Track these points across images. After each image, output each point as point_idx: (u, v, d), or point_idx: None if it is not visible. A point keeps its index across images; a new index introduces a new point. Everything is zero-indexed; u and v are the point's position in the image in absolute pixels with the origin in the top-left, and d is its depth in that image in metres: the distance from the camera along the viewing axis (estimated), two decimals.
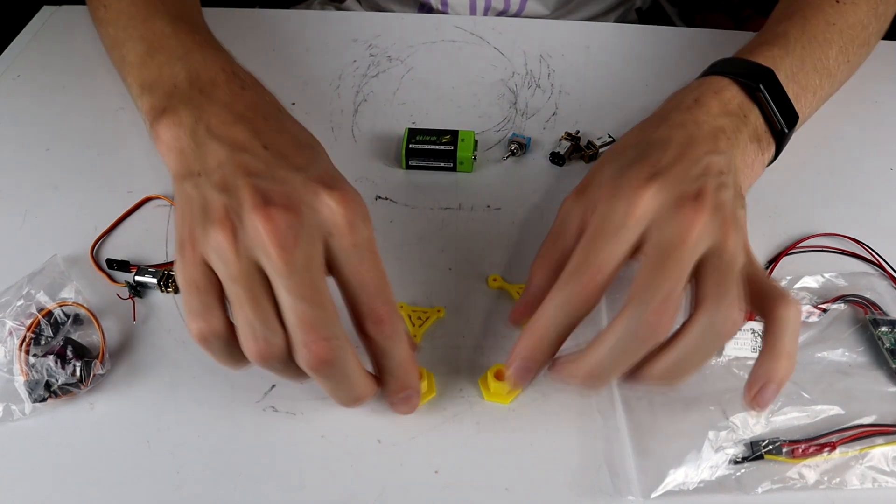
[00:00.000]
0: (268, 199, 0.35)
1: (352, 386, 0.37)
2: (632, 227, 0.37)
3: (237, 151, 0.38)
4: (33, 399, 0.41)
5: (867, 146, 0.58)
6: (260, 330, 0.34)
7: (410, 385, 0.39)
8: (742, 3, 0.98)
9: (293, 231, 0.34)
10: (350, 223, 0.36)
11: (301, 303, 0.34)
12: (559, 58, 0.66)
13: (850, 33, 0.53)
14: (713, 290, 0.36)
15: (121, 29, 0.50)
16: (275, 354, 0.35)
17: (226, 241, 0.34)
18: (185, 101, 0.41)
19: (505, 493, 0.38)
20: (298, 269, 0.34)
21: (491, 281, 0.48)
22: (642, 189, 0.37)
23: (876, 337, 0.44)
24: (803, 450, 0.39)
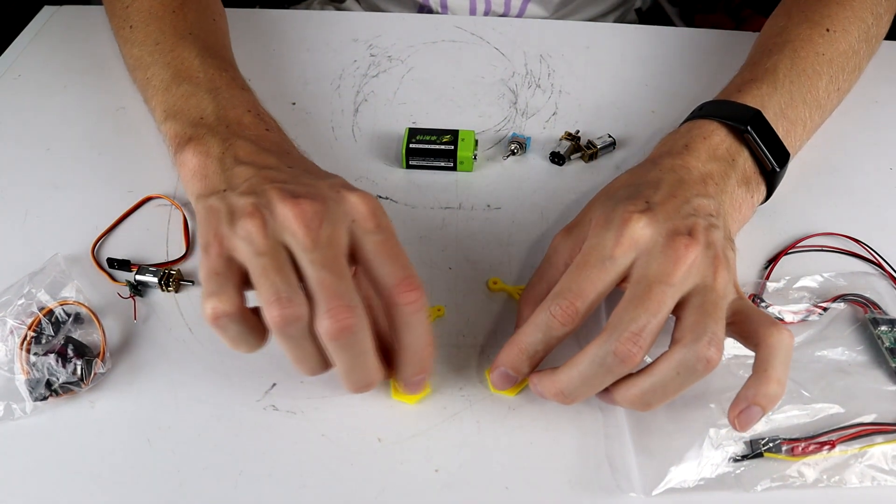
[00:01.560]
0: (296, 194, 0.37)
1: (367, 363, 0.37)
2: (619, 258, 0.38)
3: (263, 169, 0.40)
4: (34, 398, 0.41)
5: (867, 146, 0.58)
6: (284, 292, 0.35)
7: (426, 367, 0.39)
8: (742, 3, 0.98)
9: (319, 215, 0.36)
10: (372, 211, 0.38)
11: (325, 272, 0.35)
12: (559, 58, 0.66)
13: (841, 61, 0.53)
14: (694, 326, 0.36)
15: (147, 53, 0.52)
16: (298, 317, 0.35)
17: (255, 228, 0.36)
18: (213, 133, 0.43)
19: (505, 492, 0.38)
20: (322, 244, 0.36)
21: (491, 284, 0.48)
22: (633, 220, 0.38)
23: (875, 336, 0.44)
24: (803, 448, 0.39)
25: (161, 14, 0.53)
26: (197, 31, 0.53)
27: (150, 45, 0.52)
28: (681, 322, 0.37)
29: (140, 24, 0.53)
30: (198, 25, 0.54)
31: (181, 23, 0.53)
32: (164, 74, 0.49)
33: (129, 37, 0.54)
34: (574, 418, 0.41)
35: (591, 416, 0.41)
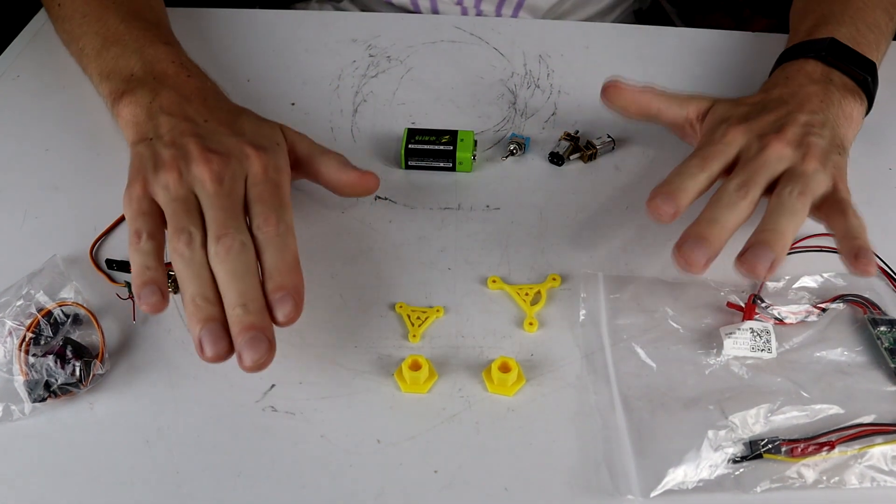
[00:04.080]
0: (209, 150, 0.44)
1: (245, 281, 0.40)
2: (726, 143, 0.47)
3: (184, 121, 0.47)
4: (33, 399, 0.41)
5: (867, 146, 0.58)
6: (185, 226, 0.41)
7: (286, 285, 0.41)
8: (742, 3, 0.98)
9: (223, 170, 0.43)
10: (264, 169, 0.44)
11: (220, 211, 0.42)
12: (558, 58, 0.66)
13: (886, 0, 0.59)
14: (785, 181, 0.44)
15: (76, 25, 0.57)
16: (190, 241, 0.41)
17: (172, 179, 0.43)
18: (142, 85, 0.49)
19: (504, 493, 0.38)
20: (223, 194, 0.43)
21: (491, 283, 0.48)
22: (731, 129, 0.47)
23: (875, 336, 0.44)
24: (802, 449, 0.39)
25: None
26: (119, 1, 0.57)
27: (78, 18, 0.57)
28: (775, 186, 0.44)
29: (67, 1, 0.58)
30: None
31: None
32: (94, 42, 0.54)
33: (59, 14, 0.59)
34: (573, 420, 0.41)
35: (589, 418, 0.41)
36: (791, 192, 0.43)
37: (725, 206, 0.43)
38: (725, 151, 0.46)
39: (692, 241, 0.42)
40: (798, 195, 0.43)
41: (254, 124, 0.48)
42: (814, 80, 0.51)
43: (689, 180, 0.45)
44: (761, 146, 0.45)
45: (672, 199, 0.44)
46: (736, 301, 0.46)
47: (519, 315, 0.46)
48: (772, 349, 0.43)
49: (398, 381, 0.43)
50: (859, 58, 0.52)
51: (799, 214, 0.43)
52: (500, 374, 0.41)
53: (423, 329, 0.45)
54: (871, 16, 0.56)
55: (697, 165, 0.45)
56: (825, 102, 0.49)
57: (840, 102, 0.49)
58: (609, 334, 0.44)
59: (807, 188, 0.43)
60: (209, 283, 0.40)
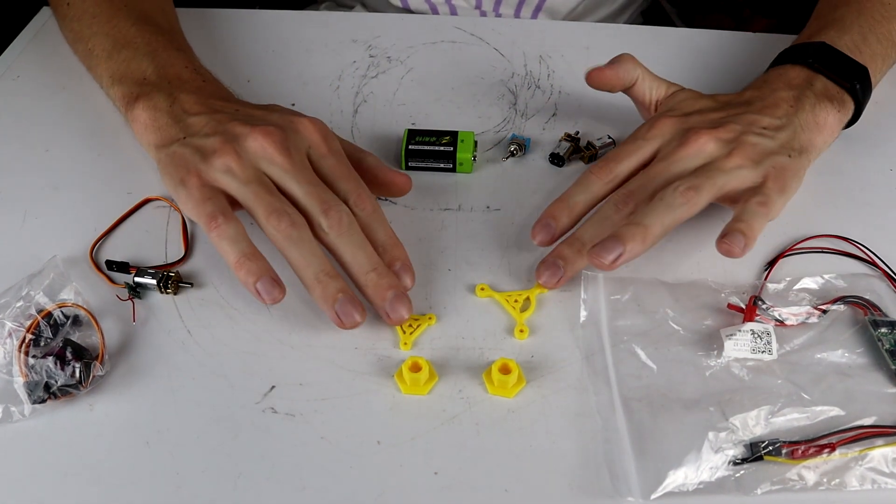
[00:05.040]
0: (258, 124, 0.43)
1: (367, 248, 0.43)
2: (648, 141, 0.47)
3: (216, 113, 0.45)
4: (33, 400, 0.41)
5: (867, 147, 0.58)
6: (281, 206, 0.41)
7: (400, 256, 0.44)
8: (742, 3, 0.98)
9: (287, 141, 0.43)
10: (324, 138, 0.45)
11: (312, 186, 0.42)
12: (559, 58, 0.66)
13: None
14: (684, 177, 0.44)
15: (85, 26, 0.56)
16: (300, 224, 0.41)
17: (232, 160, 0.42)
18: (158, 89, 0.48)
19: (504, 495, 0.38)
20: (300, 166, 0.42)
21: (479, 290, 0.47)
22: (660, 119, 0.48)
23: (875, 338, 0.44)
24: (803, 451, 0.39)
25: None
26: (131, 3, 0.57)
27: (87, 18, 0.56)
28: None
29: (76, 1, 0.58)
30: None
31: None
32: (105, 44, 0.54)
33: (66, 13, 0.58)
34: (573, 421, 0.41)
35: (590, 420, 0.41)
36: (676, 187, 0.43)
37: (592, 223, 0.46)
38: (641, 148, 0.47)
39: (549, 261, 0.46)
40: (685, 190, 0.43)
41: (285, 109, 0.49)
42: (791, 86, 0.50)
43: (578, 194, 0.47)
44: (681, 142, 0.45)
45: (548, 229, 0.46)
46: (736, 302, 0.46)
47: (512, 320, 0.46)
48: (772, 351, 0.43)
49: (398, 382, 0.42)
50: (848, 64, 0.51)
51: (676, 210, 0.43)
52: (500, 376, 0.41)
53: (416, 336, 0.45)
54: (885, 27, 0.56)
55: (596, 173, 0.47)
56: (794, 108, 0.49)
57: (812, 108, 0.49)
58: (609, 335, 0.44)
59: (706, 183, 0.43)
60: (326, 259, 0.42)
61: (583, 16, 0.78)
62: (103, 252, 0.49)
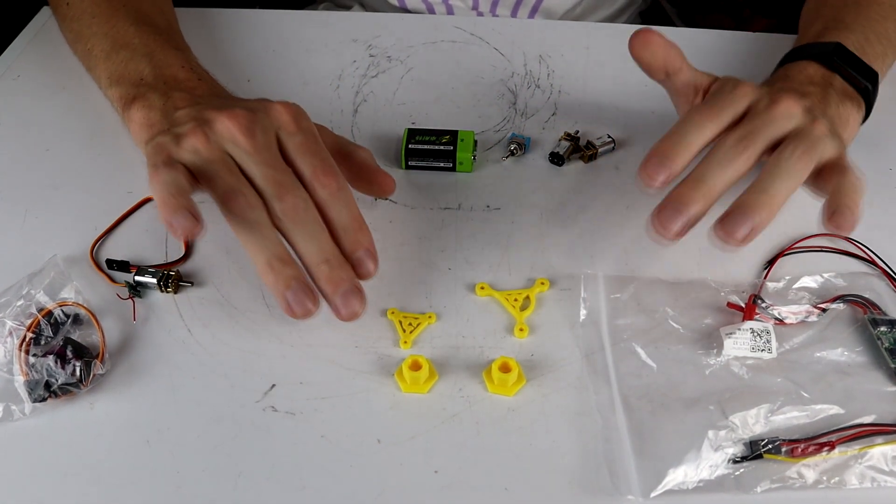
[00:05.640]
0: (228, 107, 0.42)
1: (322, 235, 0.41)
2: (737, 96, 0.44)
3: (200, 104, 0.45)
4: (33, 399, 0.41)
5: (867, 147, 0.58)
6: (237, 187, 0.40)
7: (361, 241, 0.42)
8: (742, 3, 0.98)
9: (253, 124, 0.42)
10: (294, 117, 0.43)
11: (270, 169, 0.41)
12: (559, 58, 0.66)
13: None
14: (791, 140, 0.42)
15: (84, 26, 0.56)
16: (254, 204, 0.40)
17: (199, 141, 0.41)
18: (153, 90, 0.49)
19: (504, 493, 0.38)
20: (262, 148, 0.41)
21: (479, 289, 0.47)
22: (742, 84, 0.45)
23: (875, 336, 0.44)
24: (802, 449, 0.39)
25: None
26: (129, 3, 0.57)
27: (86, 18, 0.56)
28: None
29: (76, 1, 0.58)
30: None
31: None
32: (103, 44, 0.54)
33: (66, 13, 0.59)
34: (573, 420, 0.41)
35: (589, 419, 0.41)
36: (794, 151, 0.41)
37: (718, 162, 0.41)
38: (735, 103, 0.44)
39: (672, 206, 0.40)
40: (801, 154, 0.41)
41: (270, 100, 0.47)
42: (813, 82, 0.50)
43: (692, 132, 0.42)
44: (771, 101, 0.43)
45: (666, 163, 0.41)
46: (736, 301, 0.46)
47: (513, 319, 0.46)
48: (772, 349, 0.43)
49: (398, 381, 0.43)
50: (863, 66, 0.51)
51: (796, 175, 0.41)
52: (500, 375, 0.41)
53: (416, 335, 0.45)
54: (882, 26, 0.56)
55: (704, 114, 0.43)
56: (823, 103, 0.48)
57: (838, 106, 0.49)
58: (609, 334, 0.45)
59: (813, 148, 0.42)
60: (280, 244, 0.40)
61: (580, 18, 0.78)
62: (104, 251, 0.49)
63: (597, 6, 0.78)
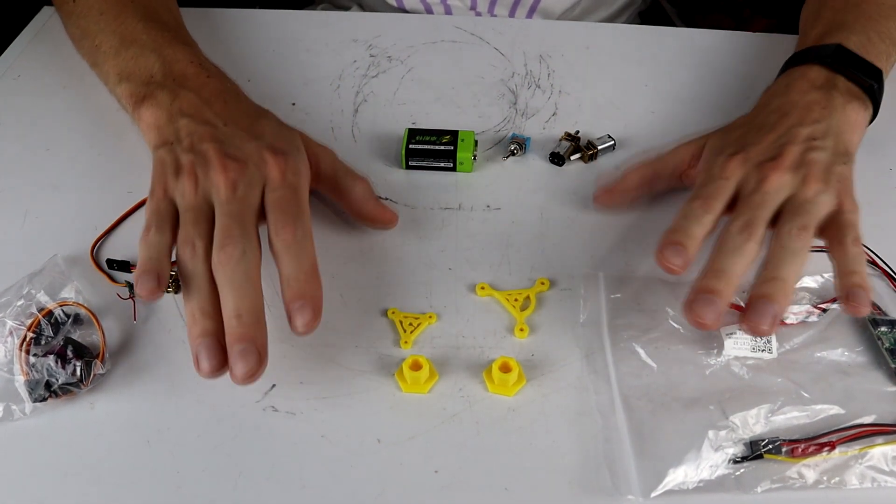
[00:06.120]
0: (227, 157, 0.44)
1: (243, 291, 0.40)
2: (728, 180, 0.45)
3: (203, 125, 0.46)
4: (34, 399, 0.41)
5: (866, 146, 0.57)
6: (192, 237, 0.41)
7: (305, 293, 0.41)
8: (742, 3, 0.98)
9: (239, 177, 0.43)
10: (282, 174, 0.44)
11: (229, 219, 0.42)
12: (559, 58, 0.66)
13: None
14: (786, 218, 0.43)
15: (92, 22, 0.56)
16: (197, 257, 0.41)
17: (189, 185, 0.43)
18: (162, 88, 0.49)
19: (504, 493, 0.38)
20: (235, 199, 0.43)
21: (479, 289, 0.47)
22: (729, 162, 0.46)
23: (875, 337, 0.44)
24: (803, 449, 0.39)
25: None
26: (137, 0, 0.57)
27: (94, 15, 0.56)
28: (777, 221, 0.43)
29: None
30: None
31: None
32: (112, 41, 0.54)
33: (72, 10, 0.59)
34: (573, 420, 0.41)
35: (590, 419, 0.41)
36: (790, 232, 0.42)
37: (731, 252, 0.42)
38: (725, 187, 0.45)
39: (702, 298, 0.40)
40: (798, 231, 0.42)
41: (274, 128, 0.48)
42: (816, 87, 0.50)
43: (694, 225, 0.44)
44: (759, 178, 0.44)
45: (681, 251, 0.43)
46: (736, 301, 0.46)
47: (513, 319, 0.46)
48: (772, 349, 0.43)
49: (399, 381, 0.43)
50: (866, 65, 0.51)
51: (800, 254, 0.42)
52: (500, 375, 0.41)
53: (416, 335, 0.45)
54: (884, 25, 0.56)
55: (701, 207, 0.44)
56: (827, 109, 0.48)
57: (843, 107, 0.49)
58: (609, 334, 0.45)
59: (808, 220, 0.43)
60: (208, 296, 0.40)
61: (579, 18, 0.78)
62: (104, 251, 0.49)
63: (595, 6, 0.78)
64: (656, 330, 0.45)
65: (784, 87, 0.51)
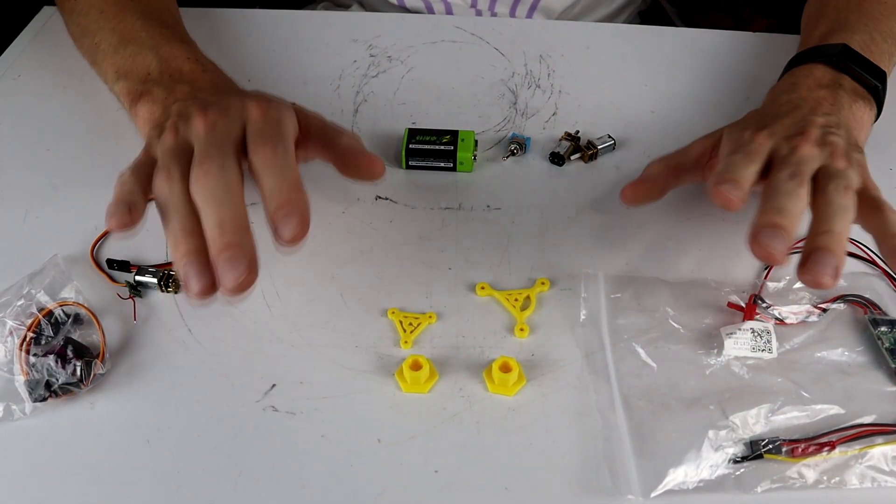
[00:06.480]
0: (208, 106, 0.43)
1: (222, 201, 0.38)
2: (758, 152, 0.44)
3: (191, 99, 0.46)
4: (34, 398, 0.41)
5: (867, 146, 0.57)
6: (167, 164, 0.40)
7: (289, 201, 0.39)
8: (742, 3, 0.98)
9: (218, 118, 0.42)
10: (263, 111, 0.42)
11: (207, 145, 0.40)
12: (559, 58, 0.66)
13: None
14: (827, 180, 0.42)
15: (92, 20, 0.57)
16: (174, 180, 0.39)
17: (170, 136, 0.42)
18: (159, 85, 0.50)
19: (504, 493, 0.38)
20: (213, 132, 0.41)
21: (479, 289, 0.47)
22: (756, 135, 0.45)
23: (875, 336, 0.44)
24: (803, 449, 0.39)
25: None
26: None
27: (94, 13, 0.57)
28: (815, 186, 0.42)
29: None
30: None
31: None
32: (111, 39, 0.55)
33: (73, 7, 0.59)
34: (573, 420, 0.41)
35: (590, 418, 0.41)
36: (837, 188, 0.41)
37: (786, 194, 0.41)
38: (760, 151, 0.44)
39: (769, 231, 0.40)
40: (844, 189, 0.41)
41: (261, 92, 0.47)
42: (822, 85, 0.50)
43: (742, 170, 0.43)
44: (791, 147, 0.44)
45: (738, 185, 0.42)
46: (736, 301, 0.46)
47: (513, 319, 0.46)
48: (772, 349, 0.43)
49: (399, 381, 0.43)
50: (870, 65, 0.52)
51: (850, 211, 0.41)
52: (500, 374, 0.41)
53: (416, 335, 0.45)
54: (886, 25, 0.56)
55: (745, 159, 0.43)
56: (835, 106, 0.48)
57: (850, 106, 0.49)
58: (609, 334, 0.45)
59: (850, 182, 0.42)
60: (189, 217, 0.38)
61: (579, 16, 0.78)
62: (104, 251, 0.49)
63: (596, 4, 0.78)
64: (656, 330, 0.45)
65: (790, 85, 0.51)
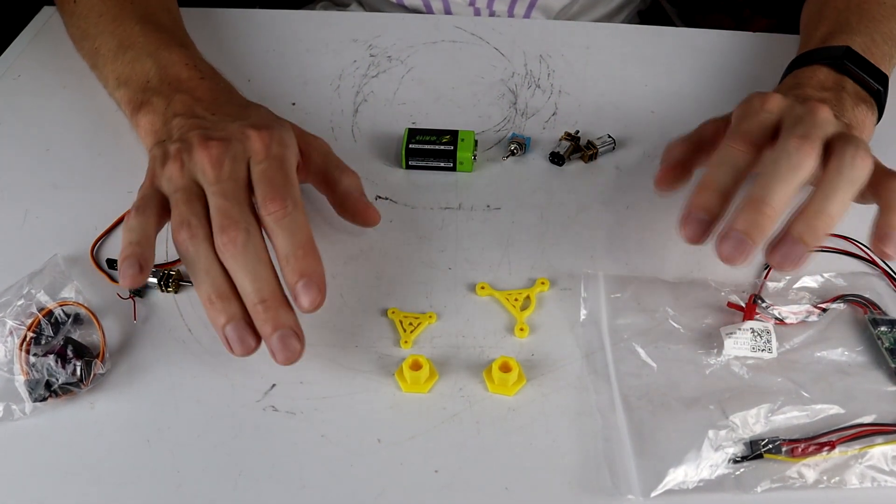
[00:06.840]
0: (209, 138, 0.43)
1: (262, 272, 0.40)
2: (767, 111, 0.43)
3: (192, 119, 0.47)
4: (34, 398, 0.41)
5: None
6: (187, 218, 0.41)
7: (306, 270, 0.40)
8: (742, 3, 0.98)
9: (223, 154, 0.42)
10: (266, 146, 0.43)
11: (222, 199, 0.41)
12: (559, 58, 0.66)
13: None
14: (841, 145, 0.40)
15: (91, 24, 0.57)
16: (194, 236, 0.40)
17: (175, 169, 0.43)
18: (158, 94, 0.50)
19: (504, 493, 0.38)
20: (224, 178, 0.42)
21: (479, 289, 0.47)
22: (769, 95, 0.44)
23: (875, 336, 0.44)
24: (803, 449, 0.39)
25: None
26: (137, 1, 0.57)
27: (94, 17, 0.57)
28: (830, 149, 0.40)
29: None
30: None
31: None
32: (110, 43, 0.54)
33: (73, 10, 0.59)
34: (573, 420, 0.41)
35: (590, 418, 0.41)
36: (855, 155, 0.38)
37: (785, 170, 0.38)
38: (767, 119, 0.42)
39: (733, 238, 0.38)
40: (863, 157, 0.39)
41: (262, 113, 0.48)
42: (825, 87, 0.50)
43: (728, 174, 0.41)
44: (808, 108, 0.42)
45: (703, 223, 0.40)
46: (736, 301, 0.46)
47: (513, 319, 0.46)
48: (772, 349, 0.43)
49: (399, 380, 0.43)
50: (872, 68, 0.51)
51: (857, 184, 0.39)
52: (500, 374, 0.41)
53: (416, 335, 0.45)
54: (886, 26, 0.56)
55: (739, 147, 0.41)
56: (839, 107, 0.48)
57: (853, 109, 0.49)
58: (609, 334, 0.45)
59: (867, 151, 0.40)
60: (221, 278, 0.40)
61: (578, 15, 0.78)
62: (104, 251, 0.49)
63: (594, 3, 0.78)
64: (656, 330, 0.45)
65: (794, 85, 0.51)
